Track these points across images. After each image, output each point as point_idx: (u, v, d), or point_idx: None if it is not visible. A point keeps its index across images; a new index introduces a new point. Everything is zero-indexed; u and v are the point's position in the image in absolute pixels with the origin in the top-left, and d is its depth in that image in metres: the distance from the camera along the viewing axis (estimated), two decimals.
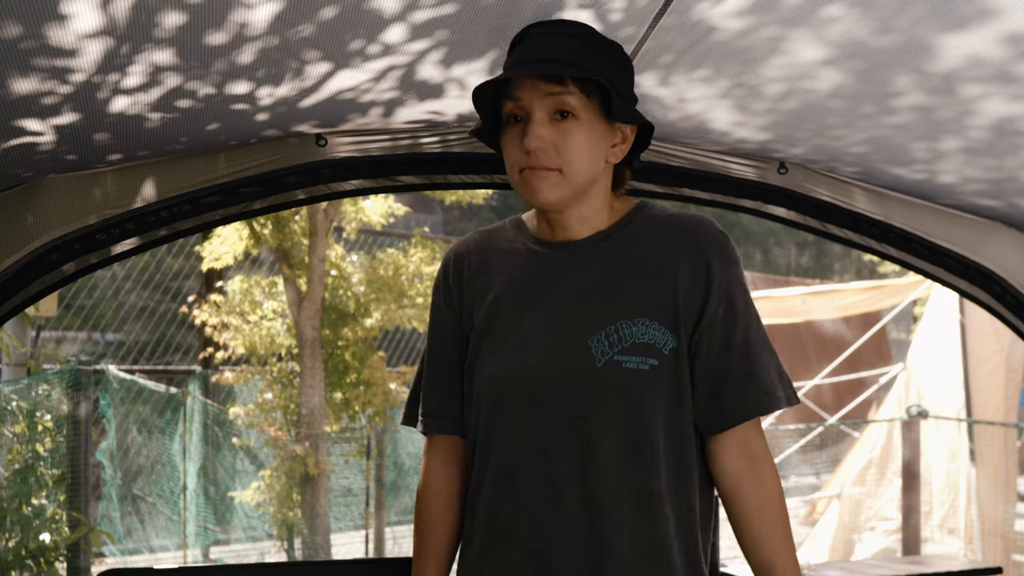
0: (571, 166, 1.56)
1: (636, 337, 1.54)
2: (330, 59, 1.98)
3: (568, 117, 1.55)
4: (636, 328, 1.54)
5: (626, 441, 1.54)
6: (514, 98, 1.58)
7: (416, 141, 2.57)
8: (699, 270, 1.57)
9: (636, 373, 1.53)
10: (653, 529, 1.54)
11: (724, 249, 1.60)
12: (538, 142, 1.55)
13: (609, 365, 1.53)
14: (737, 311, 1.58)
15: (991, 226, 2.93)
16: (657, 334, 1.54)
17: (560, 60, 1.55)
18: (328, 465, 6.81)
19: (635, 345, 1.53)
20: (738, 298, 1.59)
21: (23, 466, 4.91)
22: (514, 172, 1.61)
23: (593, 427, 1.55)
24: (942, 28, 1.82)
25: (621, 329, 1.54)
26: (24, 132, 2.06)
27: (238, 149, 2.45)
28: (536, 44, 1.58)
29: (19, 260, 2.32)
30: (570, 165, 1.56)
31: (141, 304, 8.83)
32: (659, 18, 1.89)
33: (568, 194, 1.58)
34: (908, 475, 6.93)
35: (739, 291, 1.60)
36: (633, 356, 1.53)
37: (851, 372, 8.76)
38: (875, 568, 3.97)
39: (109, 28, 1.67)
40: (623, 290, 1.58)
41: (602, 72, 1.57)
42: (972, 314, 7.22)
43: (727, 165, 2.75)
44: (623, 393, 1.54)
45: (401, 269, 6.94)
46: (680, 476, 1.58)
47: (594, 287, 1.59)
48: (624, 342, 1.54)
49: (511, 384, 1.60)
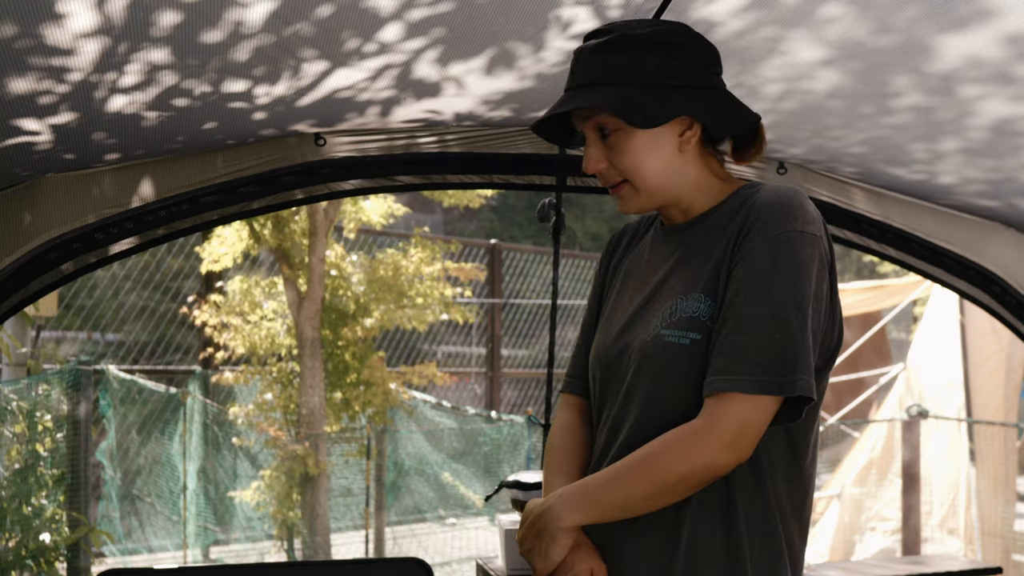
0: (635, 176, 1.58)
1: (683, 311, 1.53)
2: (327, 57, 1.97)
3: (609, 133, 1.57)
4: (688, 302, 1.54)
5: (666, 414, 1.52)
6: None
7: (414, 140, 2.56)
8: (742, 231, 1.51)
9: (675, 347, 1.52)
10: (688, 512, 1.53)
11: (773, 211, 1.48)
12: (594, 165, 1.58)
13: (655, 340, 1.55)
14: (752, 276, 1.46)
15: (990, 226, 2.93)
16: (703, 307, 1.52)
17: (579, 85, 1.56)
18: (328, 465, 6.81)
19: (681, 319, 1.53)
20: (762, 261, 1.46)
21: (23, 466, 4.90)
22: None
23: (640, 408, 1.55)
24: (941, 28, 1.82)
25: (676, 304, 1.55)
26: (21, 132, 2.06)
27: (236, 148, 2.45)
28: (574, 68, 1.59)
29: (18, 259, 2.32)
30: (633, 176, 1.58)
31: (141, 304, 8.83)
32: (658, 16, 1.88)
33: (647, 200, 1.60)
34: (908, 475, 6.93)
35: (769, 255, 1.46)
36: (676, 330, 1.52)
37: (851, 372, 8.75)
38: (875, 568, 3.96)
39: (105, 27, 1.66)
40: (690, 268, 1.57)
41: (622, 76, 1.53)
42: (972, 314, 7.22)
43: (726, 166, 2.74)
44: (661, 366, 1.53)
45: (401, 269, 6.93)
46: None
47: (673, 268, 1.61)
48: (672, 316, 1.54)
49: (597, 360, 1.67)
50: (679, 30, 1.57)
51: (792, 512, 1.55)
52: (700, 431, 1.45)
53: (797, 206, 1.49)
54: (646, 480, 1.48)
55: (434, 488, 8.09)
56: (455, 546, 8.15)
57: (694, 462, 1.45)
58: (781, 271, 1.46)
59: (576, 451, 1.71)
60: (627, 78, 1.53)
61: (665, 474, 1.46)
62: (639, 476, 1.48)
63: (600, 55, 1.55)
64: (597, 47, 1.55)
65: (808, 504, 1.59)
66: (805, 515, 1.58)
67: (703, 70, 1.57)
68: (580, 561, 1.53)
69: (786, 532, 1.54)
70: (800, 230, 1.47)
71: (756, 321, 1.45)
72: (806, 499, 1.58)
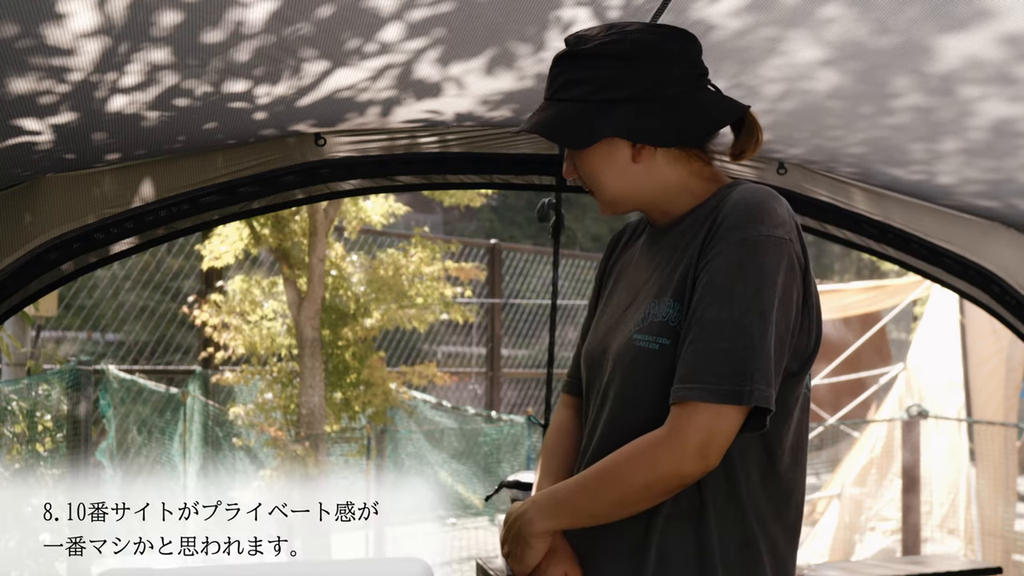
0: (597, 189, 1.61)
1: (654, 316, 1.53)
2: (327, 57, 1.97)
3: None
4: (658, 307, 1.53)
5: (633, 419, 1.52)
6: None
7: (414, 141, 2.56)
8: (708, 236, 1.48)
9: (645, 352, 1.52)
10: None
11: (741, 216, 1.45)
12: (570, 174, 1.62)
13: (627, 343, 1.55)
14: (716, 283, 1.44)
15: (990, 227, 2.93)
16: (671, 312, 1.50)
17: (541, 106, 1.57)
18: (328, 465, 6.81)
19: (652, 324, 1.53)
20: (728, 268, 1.43)
21: (23, 466, 4.90)
22: None
23: (611, 411, 1.57)
24: (940, 29, 1.82)
25: (649, 307, 1.55)
26: (22, 131, 2.06)
27: (236, 148, 2.45)
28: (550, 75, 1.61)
29: (18, 259, 2.32)
30: (596, 188, 1.61)
31: (141, 304, 8.83)
32: (657, 17, 1.88)
33: (613, 207, 1.63)
34: (908, 475, 6.92)
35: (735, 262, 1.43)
36: (647, 335, 1.52)
37: (851, 372, 8.74)
38: (875, 568, 3.96)
39: (106, 27, 1.66)
40: (664, 271, 1.57)
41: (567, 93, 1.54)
42: (972, 314, 7.21)
43: (726, 166, 2.74)
44: (631, 371, 1.54)
45: (401, 269, 6.93)
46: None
47: (653, 271, 1.61)
48: (644, 320, 1.55)
49: (584, 361, 1.70)
50: (629, 39, 1.53)
51: (774, 516, 1.53)
52: (663, 440, 1.43)
53: (765, 209, 1.45)
54: (610, 489, 1.48)
55: (434, 488, 8.08)
56: (455, 546, 8.15)
57: (657, 471, 1.43)
58: (745, 276, 1.43)
59: (565, 453, 1.72)
60: (570, 95, 1.54)
61: (627, 483, 1.46)
62: (603, 485, 1.49)
63: (556, 69, 1.57)
64: (557, 59, 1.57)
65: (794, 506, 1.57)
66: (791, 518, 1.56)
67: (654, 78, 1.53)
68: (554, 565, 1.55)
69: (768, 537, 1.52)
70: (767, 234, 1.44)
71: (718, 328, 1.42)
72: (790, 501, 1.56)
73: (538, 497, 1.57)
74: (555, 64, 1.58)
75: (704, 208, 1.57)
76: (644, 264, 1.66)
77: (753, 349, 1.41)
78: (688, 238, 1.55)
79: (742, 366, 1.40)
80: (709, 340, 1.42)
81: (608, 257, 1.80)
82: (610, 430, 1.56)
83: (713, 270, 1.45)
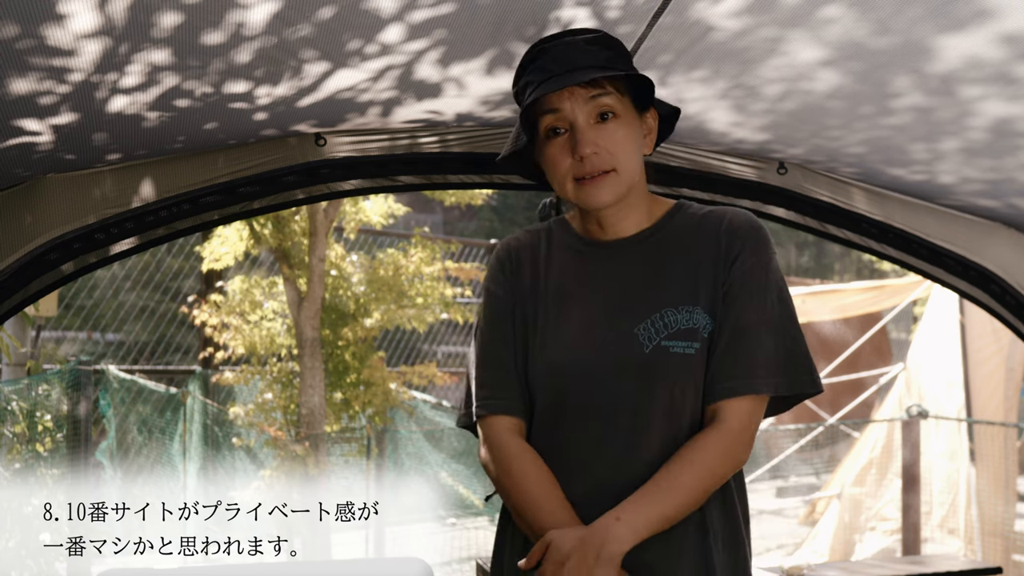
0: (622, 164, 1.62)
1: (681, 323, 1.60)
2: (328, 58, 1.97)
3: (610, 118, 1.60)
4: (681, 315, 1.61)
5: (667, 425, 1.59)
6: (553, 111, 1.61)
7: (415, 141, 2.57)
8: (730, 251, 1.63)
9: (683, 357, 1.59)
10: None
11: (752, 234, 1.64)
12: (592, 147, 1.60)
13: (657, 351, 1.59)
14: (750, 290, 1.61)
15: (990, 227, 2.93)
16: (699, 318, 1.61)
17: (592, 65, 1.59)
18: (328, 465, 6.80)
19: (681, 331, 1.60)
20: (757, 277, 1.62)
21: (23, 466, 4.90)
22: (567, 182, 1.64)
23: (639, 418, 1.59)
24: (940, 29, 1.82)
25: (667, 316, 1.61)
26: (22, 132, 2.06)
27: (237, 149, 2.45)
28: (558, 56, 1.61)
29: (18, 259, 2.32)
30: (621, 163, 1.62)
31: (141, 304, 8.83)
32: (657, 17, 1.89)
33: (622, 191, 1.64)
34: (908, 475, 6.92)
35: (762, 272, 1.63)
36: (679, 341, 1.60)
37: (851, 372, 8.75)
38: (875, 568, 3.97)
39: (107, 28, 1.67)
40: (667, 281, 1.64)
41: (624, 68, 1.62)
42: (972, 314, 7.21)
43: (726, 165, 2.75)
44: (669, 376, 1.59)
45: (401, 269, 6.93)
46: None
47: (639, 280, 1.65)
48: (670, 328, 1.60)
49: (564, 377, 1.64)
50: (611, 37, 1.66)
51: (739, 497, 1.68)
52: (734, 431, 1.58)
53: (767, 233, 1.68)
54: (699, 488, 1.57)
55: (434, 488, 8.09)
56: (455, 546, 8.15)
57: (735, 460, 1.59)
58: (773, 280, 1.64)
59: (551, 477, 1.66)
60: (625, 68, 1.62)
61: (712, 476, 1.57)
62: (691, 485, 1.56)
63: (598, 46, 1.62)
64: (592, 40, 1.62)
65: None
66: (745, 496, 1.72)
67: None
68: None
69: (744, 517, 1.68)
70: (775, 253, 1.67)
71: (763, 331, 1.61)
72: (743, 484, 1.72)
73: (622, 514, 1.52)
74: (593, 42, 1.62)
75: (676, 224, 1.69)
76: (604, 277, 1.68)
77: (796, 344, 1.63)
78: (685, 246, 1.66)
79: (786, 359, 1.61)
80: (758, 342, 1.60)
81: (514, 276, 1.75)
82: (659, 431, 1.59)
83: (747, 284, 1.62)
